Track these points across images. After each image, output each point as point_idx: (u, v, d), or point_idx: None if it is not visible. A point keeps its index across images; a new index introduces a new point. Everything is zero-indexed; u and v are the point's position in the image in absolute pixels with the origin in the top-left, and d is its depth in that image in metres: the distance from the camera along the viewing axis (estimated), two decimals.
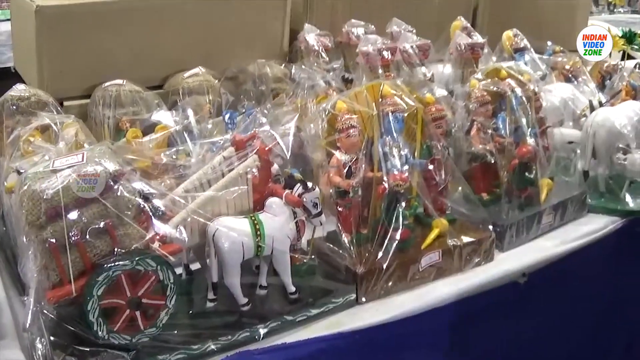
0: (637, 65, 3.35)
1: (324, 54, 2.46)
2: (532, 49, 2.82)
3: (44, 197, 1.27)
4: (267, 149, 1.49)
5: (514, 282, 1.90)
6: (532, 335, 2.05)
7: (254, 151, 1.47)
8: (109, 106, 2.07)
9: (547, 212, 2.10)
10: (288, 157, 1.53)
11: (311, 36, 2.50)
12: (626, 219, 2.28)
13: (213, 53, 2.43)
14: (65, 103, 2.16)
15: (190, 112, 2.04)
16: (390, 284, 1.68)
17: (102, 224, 1.30)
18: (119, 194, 1.31)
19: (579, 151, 2.39)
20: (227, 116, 1.95)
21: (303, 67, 2.35)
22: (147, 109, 2.08)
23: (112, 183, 1.30)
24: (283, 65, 2.39)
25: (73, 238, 1.27)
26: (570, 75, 2.88)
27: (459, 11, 3.03)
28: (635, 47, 4.30)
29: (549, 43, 3.14)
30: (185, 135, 1.89)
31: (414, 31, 2.63)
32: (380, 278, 1.65)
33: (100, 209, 1.30)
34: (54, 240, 1.27)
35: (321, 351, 1.50)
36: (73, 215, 1.28)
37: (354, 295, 1.62)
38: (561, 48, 3.12)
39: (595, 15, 6.91)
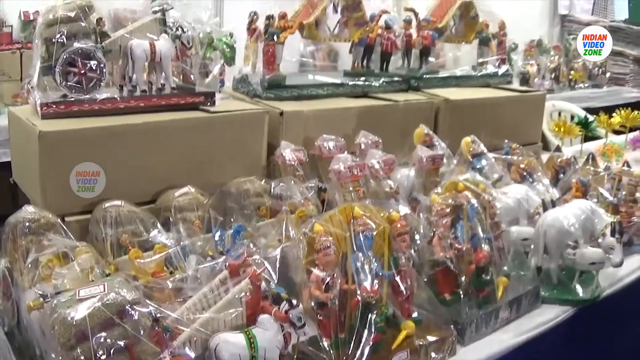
0: (590, 157, 3.70)
1: (299, 168, 2.77)
2: (488, 153, 3.08)
3: (74, 322, 1.55)
4: (257, 274, 1.79)
5: None
6: None
7: (248, 277, 1.76)
8: (110, 225, 2.32)
9: (503, 307, 2.35)
10: (276, 282, 1.83)
11: (287, 151, 2.78)
12: (577, 308, 2.55)
13: (199, 170, 2.71)
14: (67, 218, 2.39)
15: (183, 231, 2.35)
16: None
17: (122, 344, 1.58)
18: (135, 317, 1.60)
19: (532, 247, 2.66)
20: (217, 234, 2.24)
21: (281, 183, 2.66)
22: (144, 227, 2.35)
23: (129, 309, 1.59)
24: (263, 180, 2.67)
25: (99, 356, 1.55)
26: (525, 173, 3.14)
27: (421, 116, 3.38)
28: (592, 131, 4.69)
29: (506, 141, 3.41)
30: (179, 252, 2.18)
31: (380, 140, 2.97)
32: None
33: (120, 330, 1.58)
34: (83, 359, 1.55)
35: None
36: (98, 337, 1.56)
37: None
38: (517, 145, 3.40)
39: (557, 93, 7.25)
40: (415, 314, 2.16)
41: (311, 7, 3.32)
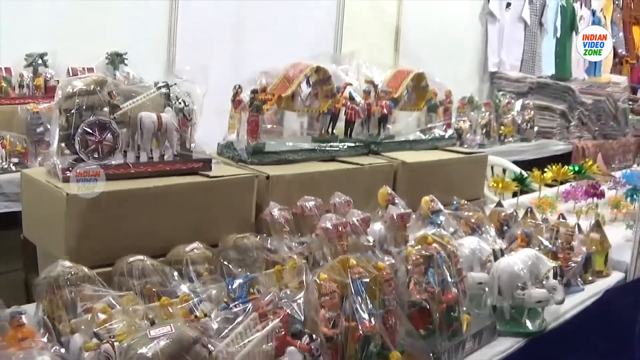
0: (529, 210, 4.22)
1: (286, 225, 3.22)
2: (444, 210, 3.52)
3: (148, 356, 1.96)
4: (286, 314, 2.23)
5: None
6: None
7: (280, 317, 2.20)
8: (137, 277, 2.72)
9: (468, 339, 2.81)
10: (302, 320, 2.27)
11: (275, 211, 3.22)
12: (527, 339, 3.04)
13: (198, 228, 3.11)
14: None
15: (197, 281, 2.77)
16: None
17: None
18: (195, 350, 2.02)
19: (487, 289, 3.11)
20: (229, 285, 2.65)
21: (270, 240, 3.11)
22: (165, 278, 2.77)
23: (193, 343, 2.01)
24: (258, 237, 3.12)
25: None
26: (475, 227, 3.56)
27: (383, 176, 3.85)
28: (527, 186, 5.21)
29: (455, 198, 3.82)
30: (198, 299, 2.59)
31: (351, 201, 3.40)
32: None
33: None
34: None
35: None
36: None
37: None
38: (465, 201, 3.81)
39: (488, 147, 7.64)
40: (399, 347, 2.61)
41: (288, 82, 3.79)
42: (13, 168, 5.28)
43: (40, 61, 6.27)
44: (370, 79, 4.32)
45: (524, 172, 5.16)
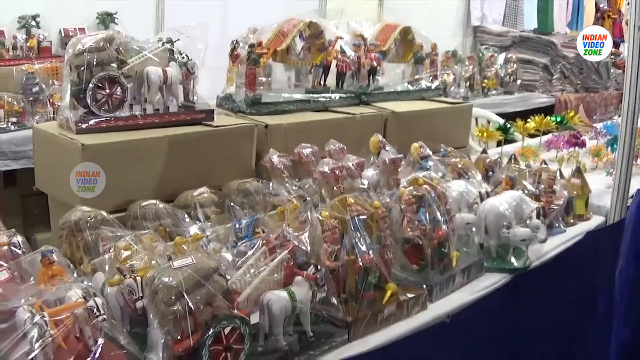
0: (512, 157, 4.45)
1: (284, 171, 3.46)
2: (433, 156, 3.74)
3: (174, 285, 2.18)
4: (293, 247, 2.47)
5: (442, 322, 2.87)
6: (458, 355, 3.05)
7: (288, 249, 2.44)
8: (151, 220, 2.94)
9: (458, 274, 3.05)
10: (308, 252, 2.51)
11: (274, 157, 3.46)
12: (512, 275, 3.26)
13: (202, 174, 3.35)
14: None
15: (206, 222, 3.00)
16: (367, 327, 2.62)
17: (206, 300, 2.22)
18: (215, 278, 2.25)
19: (474, 229, 3.32)
20: (237, 225, 2.87)
21: (271, 184, 3.35)
22: (176, 220, 3.00)
23: (213, 272, 2.24)
24: (260, 182, 3.35)
25: (192, 310, 2.18)
26: (462, 172, 3.76)
27: (374, 125, 4.08)
28: (511, 135, 5.44)
29: (442, 145, 4.05)
30: (208, 238, 2.82)
31: (345, 148, 3.60)
32: (361, 324, 2.59)
33: (206, 290, 2.21)
34: (181, 311, 2.17)
35: None
36: (191, 295, 2.19)
37: (346, 336, 2.55)
38: (452, 148, 4.03)
39: (472, 100, 7.75)
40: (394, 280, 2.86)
41: (282, 36, 4.01)
42: (12, 127, 5.49)
43: (32, 23, 6.46)
44: (360, 32, 4.53)
45: (508, 123, 5.37)
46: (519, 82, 8.97)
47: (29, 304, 2.03)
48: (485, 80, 8.48)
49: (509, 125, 5.23)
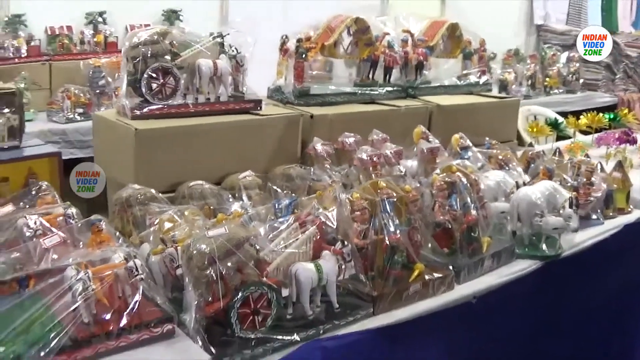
0: (557, 151, 4.60)
1: (327, 158, 3.68)
2: (473, 147, 3.89)
3: (207, 251, 2.42)
4: (321, 223, 2.69)
5: (468, 302, 3.05)
6: (482, 338, 3.24)
7: (316, 225, 2.67)
8: (197, 199, 3.21)
9: (487, 258, 3.22)
10: (335, 227, 2.74)
11: (318, 145, 3.69)
12: (543, 262, 3.41)
13: (249, 159, 3.61)
14: None
15: (248, 202, 3.25)
16: (392, 303, 2.83)
17: (236, 267, 2.46)
18: (245, 247, 2.49)
19: (509, 218, 3.49)
20: (276, 205, 3.12)
21: (313, 169, 3.58)
22: (221, 200, 3.25)
23: (244, 242, 2.48)
24: (303, 168, 3.59)
25: (223, 275, 2.42)
26: (502, 163, 3.92)
27: (418, 118, 4.26)
28: (561, 131, 5.56)
29: (487, 138, 4.21)
30: (248, 216, 3.06)
31: (388, 138, 3.83)
32: (386, 299, 2.81)
33: (236, 258, 2.45)
34: (213, 276, 2.42)
35: (357, 340, 2.67)
36: (222, 261, 2.43)
37: (371, 309, 2.77)
38: (496, 142, 4.19)
39: (533, 98, 7.96)
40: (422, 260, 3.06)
41: (330, 31, 4.26)
42: (78, 118, 5.86)
43: (99, 19, 6.84)
44: (407, 29, 4.73)
45: (559, 118, 5.49)
46: (581, 81, 9.00)
47: (76, 263, 2.31)
48: (547, 79, 8.55)
49: (560, 121, 5.34)
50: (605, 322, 4.10)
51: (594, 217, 4.00)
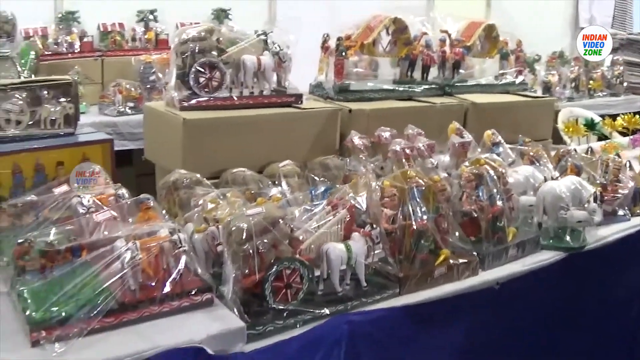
0: (589, 149, 4.77)
1: (364, 151, 3.91)
2: (504, 142, 4.08)
3: (244, 228, 2.64)
4: (352, 206, 2.93)
5: (491, 287, 3.25)
6: (502, 324, 3.43)
7: (346, 208, 2.90)
8: (239, 184, 3.44)
9: (512, 247, 3.40)
10: (364, 210, 2.96)
11: (355, 138, 3.92)
12: (567, 254, 3.55)
13: (290, 150, 3.83)
14: None
15: (287, 188, 3.49)
16: (417, 285, 3.05)
17: (272, 243, 2.70)
18: (280, 226, 2.73)
19: (535, 210, 3.70)
20: (313, 192, 3.35)
21: (349, 160, 3.81)
22: (260, 186, 3.48)
23: (279, 221, 2.72)
24: (340, 159, 3.82)
25: (259, 250, 2.67)
26: (534, 159, 4.09)
27: (454, 115, 4.41)
28: (597, 131, 5.71)
29: (520, 136, 4.41)
30: (286, 200, 3.29)
31: (423, 132, 4.04)
32: (412, 281, 3.02)
33: (272, 235, 2.69)
34: (250, 251, 2.66)
35: (383, 316, 2.89)
36: (258, 238, 2.67)
37: (397, 290, 2.98)
38: (529, 139, 4.37)
39: (577, 101, 8.02)
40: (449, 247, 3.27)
41: (369, 30, 4.49)
42: (129, 111, 6.16)
43: (150, 17, 7.14)
44: (445, 29, 4.95)
45: (595, 118, 5.63)
46: (625, 84, 9.05)
47: (125, 235, 2.59)
48: (591, 82, 8.61)
49: (596, 121, 5.49)
50: (626, 319, 4.23)
51: (621, 213, 4.15)
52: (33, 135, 3.71)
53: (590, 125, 5.39)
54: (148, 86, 6.40)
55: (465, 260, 3.23)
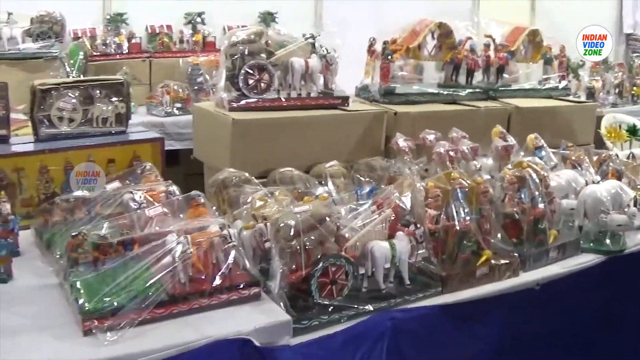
0: (631, 155, 4.78)
1: (409, 153, 3.97)
2: (547, 146, 4.10)
3: (292, 225, 2.73)
4: (397, 205, 2.99)
5: (531, 288, 3.29)
6: (541, 324, 3.46)
7: (391, 207, 2.97)
8: (287, 183, 3.49)
9: (553, 250, 3.44)
10: (408, 210, 3.03)
11: (401, 141, 3.97)
12: (607, 257, 3.58)
13: (336, 151, 3.92)
14: None
15: (333, 188, 3.56)
16: (459, 284, 3.10)
17: (318, 240, 2.77)
18: (327, 223, 2.80)
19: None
20: (358, 192, 3.43)
21: (394, 162, 3.85)
22: (307, 185, 3.55)
23: (326, 218, 2.79)
24: (385, 160, 3.88)
25: (306, 247, 2.74)
26: (576, 164, 4.11)
27: (497, 119, 4.48)
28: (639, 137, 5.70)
29: (563, 140, 4.41)
30: (333, 200, 3.36)
31: (467, 136, 4.09)
32: (454, 280, 3.08)
33: (319, 232, 2.76)
34: (297, 247, 2.74)
35: (425, 314, 2.95)
36: (305, 235, 2.75)
37: (440, 288, 3.04)
38: (571, 144, 4.39)
39: (620, 107, 7.96)
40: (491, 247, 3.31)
41: (415, 34, 4.56)
42: (176, 112, 6.28)
43: (198, 19, 7.27)
44: (490, 34, 5.00)
45: (638, 124, 5.63)
46: None
47: (177, 230, 2.69)
48: (635, 88, 8.56)
49: (637, 127, 5.49)
50: None
51: None
52: (85, 133, 3.84)
53: (633, 131, 5.40)
54: (195, 87, 6.52)
55: (507, 261, 3.28)
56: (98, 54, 6.71)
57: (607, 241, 3.66)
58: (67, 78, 5.77)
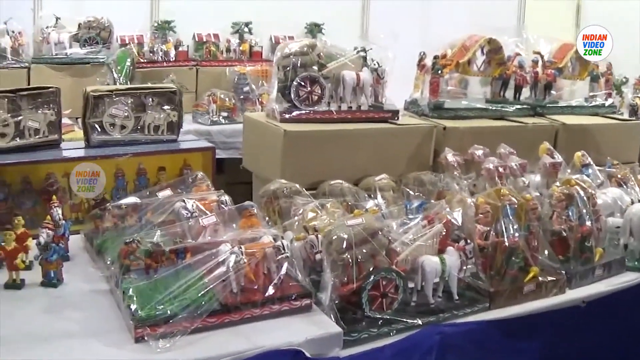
0: None
1: (457, 168, 3.96)
2: (593, 164, 4.09)
3: (344, 237, 2.76)
4: (448, 221, 3.01)
5: (577, 306, 3.28)
6: (586, 341, 3.44)
7: (443, 222, 2.98)
8: (337, 196, 3.51)
9: (598, 267, 3.43)
10: (459, 225, 3.04)
11: (449, 155, 3.98)
12: None
13: (385, 164, 3.94)
14: None
15: (382, 201, 3.58)
16: (507, 300, 3.10)
17: (370, 254, 2.80)
18: (379, 237, 2.82)
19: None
20: (408, 205, 3.45)
21: (442, 177, 3.87)
22: (357, 198, 3.58)
23: (378, 232, 2.82)
24: (434, 175, 3.89)
25: (358, 260, 2.77)
26: (621, 182, 4.06)
27: (545, 135, 4.47)
28: None
29: (609, 158, 4.38)
30: (382, 213, 3.38)
31: (515, 152, 4.08)
32: (502, 296, 3.08)
33: (371, 246, 2.79)
34: (349, 260, 2.76)
35: (473, 329, 2.96)
36: (358, 247, 2.77)
37: (487, 304, 3.04)
38: (617, 162, 4.34)
39: None
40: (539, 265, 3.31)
41: (465, 50, 4.57)
42: (222, 121, 6.31)
43: (245, 29, 7.32)
44: (538, 50, 4.99)
45: None
46: None
47: (230, 240, 2.72)
48: None
49: None
50: None
51: None
52: (136, 140, 3.87)
53: None
54: (242, 97, 6.56)
55: (554, 278, 3.27)
56: (145, 61, 6.76)
57: None
58: (118, 85, 5.83)
